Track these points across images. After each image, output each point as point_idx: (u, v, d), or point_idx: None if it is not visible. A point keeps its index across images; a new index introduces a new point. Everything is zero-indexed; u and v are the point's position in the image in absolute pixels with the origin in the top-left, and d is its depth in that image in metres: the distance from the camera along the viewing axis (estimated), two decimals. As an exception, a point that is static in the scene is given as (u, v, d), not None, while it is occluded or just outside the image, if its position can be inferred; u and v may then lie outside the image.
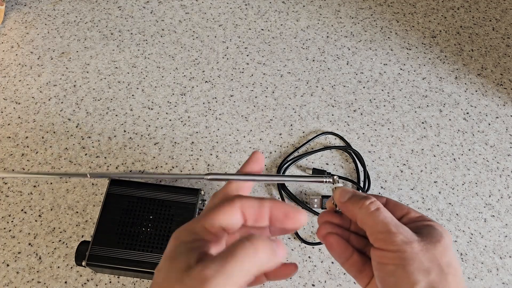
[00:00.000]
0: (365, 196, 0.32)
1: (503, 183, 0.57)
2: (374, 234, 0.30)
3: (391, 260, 0.28)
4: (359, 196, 0.33)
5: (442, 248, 0.28)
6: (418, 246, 0.28)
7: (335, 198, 0.35)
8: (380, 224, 0.30)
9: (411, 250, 0.28)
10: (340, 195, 0.34)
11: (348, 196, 0.33)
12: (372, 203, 0.31)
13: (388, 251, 0.29)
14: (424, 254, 0.28)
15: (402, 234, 0.29)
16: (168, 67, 0.65)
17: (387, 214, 0.30)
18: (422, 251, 0.28)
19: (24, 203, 0.53)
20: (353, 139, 0.60)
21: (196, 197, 0.49)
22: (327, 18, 0.73)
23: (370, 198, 0.32)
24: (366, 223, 0.31)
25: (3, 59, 0.65)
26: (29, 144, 0.58)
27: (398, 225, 0.29)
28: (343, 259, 0.34)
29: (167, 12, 0.72)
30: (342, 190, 0.34)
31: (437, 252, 0.28)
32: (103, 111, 0.61)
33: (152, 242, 0.46)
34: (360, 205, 0.31)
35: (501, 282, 0.50)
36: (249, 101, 0.63)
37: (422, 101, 0.64)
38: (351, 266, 0.33)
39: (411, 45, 0.70)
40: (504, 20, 0.74)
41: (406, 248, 0.28)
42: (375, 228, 0.30)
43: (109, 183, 0.49)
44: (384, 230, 0.29)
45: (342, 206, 0.34)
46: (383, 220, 0.30)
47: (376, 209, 0.31)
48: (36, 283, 0.48)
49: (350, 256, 0.33)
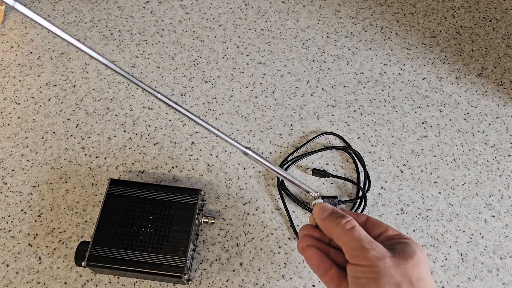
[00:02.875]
0: (342, 215, 0.34)
1: (503, 183, 0.57)
2: (349, 250, 0.32)
3: (364, 274, 0.30)
4: (337, 214, 0.35)
5: (413, 264, 0.30)
6: (390, 262, 0.30)
7: (315, 214, 0.37)
8: (354, 241, 0.31)
9: (383, 265, 0.29)
10: (319, 212, 0.36)
11: (326, 213, 0.35)
12: (348, 222, 0.33)
13: (362, 266, 0.30)
14: (395, 269, 0.29)
15: (375, 250, 0.30)
16: (168, 67, 0.65)
17: (361, 232, 0.32)
18: (394, 266, 0.30)
19: (24, 203, 0.53)
20: (353, 139, 0.60)
21: (196, 197, 0.49)
22: (327, 18, 0.73)
23: (346, 217, 0.34)
24: (341, 240, 0.33)
25: (3, 59, 0.65)
26: (29, 144, 0.58)
27: (371, 242, 0.31)
28: (321, 272, 0.35)
29: (167, 12, 0.72)
30: (321, 207, 0.36)
31: (408, 267, 0.30)
32: (102, 111, 0.61)
33: (152, 242, 0.46)
34: (336, 223, 0.33)
35: (501, 283, 0.50)
36: (249, 101, 0.63)
37: (422, 101, 0.64)
38: (329, 280, 0.35)
39: (411, 45, 0.70)
40: (504, 20, 0.74)
41: (379, 263, 0.30)
42: (350, 244, 0.32)
43: (109, 183, 0.49)
44: (357, 247, 0.31)
45: (321, 222, 0.35)
46: (357, 237, 0.32)
47: (351, 228, 0.33)
48: (36, 284, 0.48)
49: (328, 269, 0.35)
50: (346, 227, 0.33)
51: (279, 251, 0.51)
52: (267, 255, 0.51)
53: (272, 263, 0.51)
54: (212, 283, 0.49)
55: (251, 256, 0.51)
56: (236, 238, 0.52)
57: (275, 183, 0.56)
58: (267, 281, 0.49)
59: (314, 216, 0.37)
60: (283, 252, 0.51)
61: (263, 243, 0.52)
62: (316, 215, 0.36)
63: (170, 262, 0.45)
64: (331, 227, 0.34)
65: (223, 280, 0.49)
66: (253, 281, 0.49)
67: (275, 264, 0.51)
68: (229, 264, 0.50)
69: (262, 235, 0.52)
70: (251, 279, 0.49)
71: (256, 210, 0.54)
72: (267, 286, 0.49)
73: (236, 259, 0.51)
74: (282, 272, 0.50)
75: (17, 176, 0.55)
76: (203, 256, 0.51)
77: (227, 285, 0.49)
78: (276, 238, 0.52)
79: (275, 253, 0.51)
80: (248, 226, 0.53)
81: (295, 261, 0.51)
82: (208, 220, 0.51)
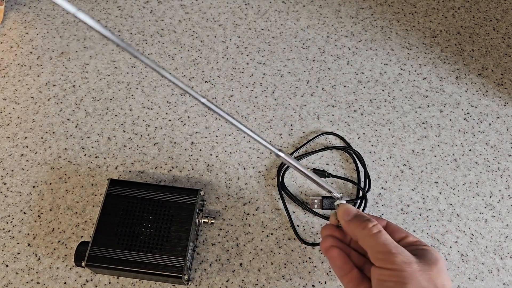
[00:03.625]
0: (368, 218, 0.35)
1: (504, 183, 0.57)
2: (375, 253, 0.32)
3: (391, 277, 0.31)
4: (362, 217, 0.35)
5: (437, 270, 0.31)
6: (416, 267, 0.30)
7: (339, 215, 0.37)
8: (381, 245, 0.32)
9: (410, 270, 0.30)
10: (344, 213, 0.36)
11: (352, 215, 0.36)
12: (375, 226, 0.34)
13: (389, 270, 0.31)
14: (421, 275, 0.30)
15: (402, 255, 0.31)
16: (168, 67, 0.65)
17: (387, 236, 0.33)
18: (420, 272, 0.30)
19: (23, 203, 0.53)
20: (354, 139, 0.60)
21: (195, 197, 0.49)
22: (328, 18, 0.72)
23: (372, 221, 0.34)
24: (367, 243, 0.33)
25: (2, 59, 0.65)
26: (28, 145, 0.57)
27: (397, 247, 0.32)
28: (343, 273, 0.36)
29: (167, 12, 0.72)
30: (346, 209, 0.37)
31: (433, 274, 0.31)
32: (102, 111, 0.61)
33: (152, 242, 0.46)
34: (362, 226, 0.34)
35: (502, 283, 0.50)
36: (249, 101, 0.63)
37: (423, 101, 0.64)
38: (350, 281, 0.35)
39: (412, 45, 0.70)
40: (505, 20, 0.74)
41: (406, 267, 0.30)
42: (376, 248, 0.32)
43: (109, 183, 0.49)
44: (384, 251, 0.32)
45: (345, 224, 0.36)
46: (384, 241, 0.32)
47: (378, 232, 0.33)
48: (36, 284, 0.48)
49: (350, 270, 0.36)
50: (372, 231, 0.33)
51: (279, 252, 0.51)
52: (267, 256, 0.51)
53: (272, 264, 0.50)
54: (212, 283, 0.49)
55: (251, 257, 0.51)
56: (236, 238, 0.52)
57: (275, 183, 0.56)
58: (267, 281, 0.49)
59: (339, 218, 0.37)
60: (283, 253, 0.51)
61: (263, 243, 0.52)
62: (340, 217, 0.37)
63: (170, 263, 0.45)
64: (356, 230, 0.34)
65: (223, 280, 0.49)
66: (253, 281, 0.49)
67: (275, 264, 0.50)
68: (229, 264, 0.50)
69: (262, 235, 0.52)
70: (251, 279, 0.49)
71: (256, 210, 0.54)
72: (267, 286, 0.49)
73: (236, 259, 0.51)
74: (282, 273, 0.50)
75: (16, 176, 0.55)
76: (203, 257, 0.50)
77: (227, 285, 0.49)
78: (276, 238, 0.52)
79: (275, 253, 0.51)
80: (248, 226, 0.53)
81: (295, 262, 0.51)
82: (208, 220, 0.51)
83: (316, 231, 0.53)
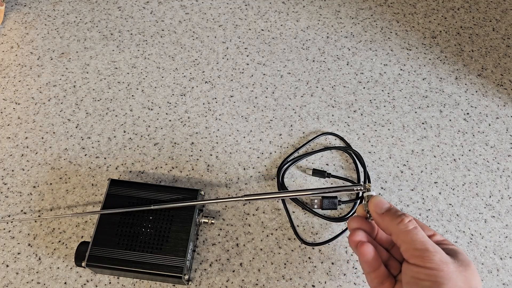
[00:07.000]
0: (402, 213, 0.34)
1: (503, 183, 0.57)
2: (411, 250, 0.31)
3: (428, 276, 0.30)
4: (396, 211, 0.34)
5: (471, 272, 0.31)
6: (453, 267, 0.30)
7: (370, 208, 0.36)
8: (418, 242, 0.31)
9: (447, 269, 0.30)
10: (376, 206, 0.35)
11: (384, 209, 0.35)
12: (410, 221, 0.33)
13: (425, 268, 0.30)
14: (457, 275, 0.30)
15: (439, 254, 0.30)
16: (168, 68, 0.65)
17: (424, 233, 0.32)
18: (457, 272, 0.30)
19: (23, 203, 0.53)
20: (353, 139, 0.60)
21: (195, 197, 0.49)
22: (327, 18, 0.73)
23: (408, 216, 0.33)
24: (402, 239, 0.32)
25: (3, 59, 0.65)
26: (29, 145, 0.58)
27: (434, 245, 0.31)
28: (370, 269, 0.35)
29: (167, 12, 0.72)
30: (379, 201, 0.35)
31: (468, 275, 0.30)
32: (102, 112, 0.61)
33: (152, 242, 0.46)
34: (398, 221, 0.33)
35: (501, 283, 0.50)
36: (249, 102, 0.63)
37: (422, 101, 0.64)
38: (375, 278, 0.34)
39: (411, 46, 0.70)
40: (504, 21, 0.74)
41: (444, 267, 0.30)
42: (413, 245, 0.31)
43: (109, 183, 0.49)
44: (422, 248, 0.31)
45: (378, 217, 0.35)
46: (421, 238, 0.31)
47: (414, 228, 0.32)
48: (36, 284, 0.48)
49: (378, 267, 0.34)
50: (408, 227, 0.32)
51: (279, 252, 0.51)
52: (267, 256, 0.51)
53: (272, 264, 0.51)
54: (212, 283, 0.49)
55: (251, 257, 0.51)
56: (236, 238, 0.52)
57: (275, 183, 0.56)
58: (267, 281, 0.49)
59: (370, 210, 0.36)
60: (283, 253, 0.51)
61: (263, 243, 0.52)
62: (372, 210, 0.35)
63: (170, 263, 0.45)
64: (390, 224, 0.33)
65: (223, 280, 0.49)
66: (253, 281, 0.49)
67: (275, 264, 0.50)
68: (229, 264, 0.50)
69: (262, 235, 0.52)
70: (251, 279, 0.49)
71: (256, 210, 0.54)
72: (267, 286, 0.49)
73: (236, 259, 0.51)
74: (282, 273, 0.50)
75: (17, 176, 0.55)
76: (203, 257, 0.51)
77: (227, 285, 0.49)
78: (276, 238, 0.52)
79: (275, 253, 0.51)
80: (248, 226, 0.53)
81: (295, 262, 0.51)
82: (208, 220, 0.51)
83: (316, 231, 0.53)
